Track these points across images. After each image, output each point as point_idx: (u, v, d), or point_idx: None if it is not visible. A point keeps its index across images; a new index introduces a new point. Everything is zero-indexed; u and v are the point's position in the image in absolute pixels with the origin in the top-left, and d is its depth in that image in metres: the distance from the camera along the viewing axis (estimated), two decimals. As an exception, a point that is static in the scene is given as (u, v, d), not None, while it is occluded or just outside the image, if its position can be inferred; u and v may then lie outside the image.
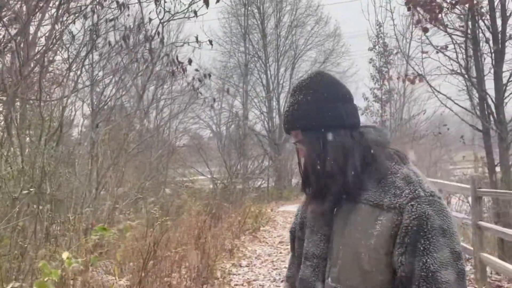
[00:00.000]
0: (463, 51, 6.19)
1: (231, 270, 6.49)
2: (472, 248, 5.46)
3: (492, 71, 6.08)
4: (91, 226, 5.25)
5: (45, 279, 3.02)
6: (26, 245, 4.36)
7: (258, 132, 19.92)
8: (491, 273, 5.53)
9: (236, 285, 5.81)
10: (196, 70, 7.39)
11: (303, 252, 1.30)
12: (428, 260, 1.05)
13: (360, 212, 1.15)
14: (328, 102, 1.20)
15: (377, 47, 14.93)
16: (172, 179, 12.83)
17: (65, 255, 3.15)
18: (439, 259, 1.05)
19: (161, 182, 10.59)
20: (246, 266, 6.88)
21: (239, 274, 6.38)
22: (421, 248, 1.06)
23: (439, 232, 1.06)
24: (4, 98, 5.30)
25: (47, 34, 5.99)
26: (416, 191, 1.10)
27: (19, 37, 4.87)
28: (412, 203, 1.08)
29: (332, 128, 1.19)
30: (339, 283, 1.16)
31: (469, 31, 6.09)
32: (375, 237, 1.11)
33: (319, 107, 1.20)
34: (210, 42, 5.54)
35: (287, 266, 1.54)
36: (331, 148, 1.18)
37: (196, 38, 5.46)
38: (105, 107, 8.06)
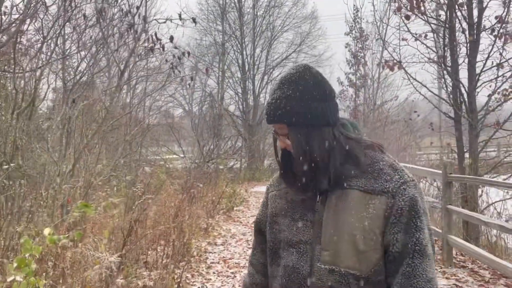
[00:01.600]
0: (441, 40, 6.35)
1: (207, 249, 6.57)
2: (440, 231, 5.73)
3: (466, 61, 6.28)
4: (67, 202, 5.17)
5: (26, 255, 2.98)
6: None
7: (232, 113, 19.84)
8: (456, 254, 5.83)
9: (212, 263, 5.89)
10: (175, 48, 7.25)
11: (281, 241, 1.33)
12: (420, 236, 1.20)
13: (351, 197, 1.24)
14: (316, 101, 1.25)
15: (353, 31, 15.02)
16: (145, 157, 12.69)
17: (46, 231, 3.10)
18: (425, 235, 1.21)
19: (135, 160, 10.45)
20: (222, 244, 6.97)
21: (214, 252, 6.46)
22: (414, 226, 1.20)
23: (422, 212, 1.22)
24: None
25: (20, 4, 5.72)
26: (404, 177, 1.24)
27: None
28: (404, 187, 1.22)
29: (317, 126, 1.25)
30: (335, 264, 1.22)
31: (447, 21, 6.24)
32: (369, 219, 1.21)
33: (308, 105, 1.24)
34: (194, 20, 5.44)
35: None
36: (316, 144, 1.25)
37: (179, 15, 5.34)
38: (79, 82, 7.81)
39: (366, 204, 1.22)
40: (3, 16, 5.69)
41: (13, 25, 5.44)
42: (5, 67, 6.50)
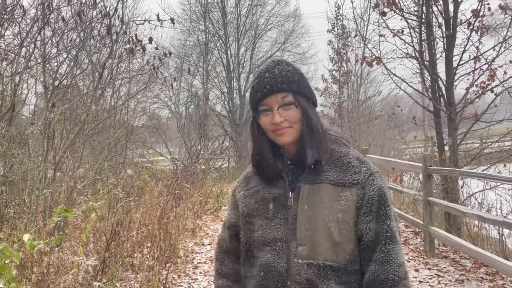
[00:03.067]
0: (418, 35, 6.44)
1: (193, 249, 6.57)
2: (422, 222, 5.83)
3: (443, 55, 6.38)
4: (49, 208, 5.13)
5: (6, 262, 2.97)
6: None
7: (219, 113, 19.83)
8: (438, 245, 5.93)
9: (199, 263, 5.91)
10: (156, 48, 7.24)
11: (255, 240, 1.34)
12: (390, 223, 1.27)
13: (323, 191, 1.28)
14: (309, 83, 1.35)
15: (335, 29, 15.12)
16: (131, 160, 12.61)
17: (26, 237, 3.09)
18: (394, 222, 1.28)
19: (120, 163, 10.39)
20: (209, 244, 6.98)
21: (201, 252, 6.47)
22: (384, 214, 1.26)
23: (389, 201, 1.30)
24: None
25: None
26: (371, 168, 1.30)
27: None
28: (372, 178, 1.28)
29: (314, 104, 1.34)
30: (313, 258, 1.25)
31: (423, 16, 6.33)
32: (342, 211, 1.26)
33: (307, 83, 1.33)
34: (172, 20, 5.43)
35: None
36: (317, 117, 1.32)
37: (157, 16, 5.34)
38: (60, 85, 7.73)
39: (337, 197, 1.26)
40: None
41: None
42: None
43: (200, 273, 5.49)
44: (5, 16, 5.78)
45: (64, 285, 2.51)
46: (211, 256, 6.23)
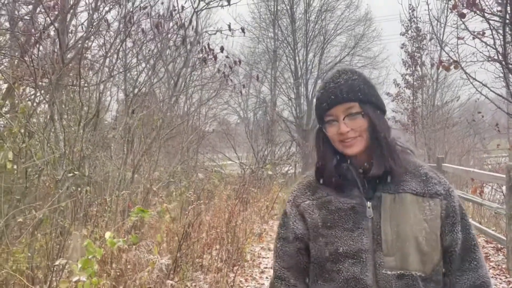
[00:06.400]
0: (501, 37, 5.99)
1: (260, 254, 6.65)
2: (505, 238, 5.40)
3: (531, 57, 5.88)
4: (127, 208, 5.48)
5: (89, 257, 3.22)
6: (66, 225, 4.62)
7: (286, 118, 19.88)
8: (524, 264, 5.45)
9: (266, 267, 5.96)
10: (227, 57, 7.47)
11: (332, 253, 1.27)
12: (472, 231, 1.33)
13: (406, 201, 1.26)
14: (377, 90, 1.34)
15: (409, 31, 14.51)
16: (201, 164, 13.08)
17: (107, 235, 3.33)
18: (473, 231, 1.34)
19: (192, 167, 10.81)
20: (275, 250, 7.02)
21: (268, 257, 6.52)
22: (466, 223, 1.31)
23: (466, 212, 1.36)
24: (45, 84, 5.56)
25: (85, 23, 6.19)
26: (446, 181, 1.33)
27: (58, 24, 5.06)
28: (451, 189, 1.30)
29: (382, 112, 1.33)
30: (404, 269, 1.24)
31: (507, 17, 5.89)
32: (428, 221, 1.26)
33: (375, 91, 1.32)
34: (243, 30, 5.59)
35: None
36: (384, 126, 1.29)
37: (229, 26, 5.52)
38: (139, 93, 8.25)
39: (421, 207, 1.26)
40: (70, 35, 6.20)
41: (79, 42, 5.90)
42: (75, 81, 7.05)
43: (267, 278, 5.53)
44: (92, 29, 6.29)
45: (140, 281, 2.69)
46: (277, 262, 6.25)
